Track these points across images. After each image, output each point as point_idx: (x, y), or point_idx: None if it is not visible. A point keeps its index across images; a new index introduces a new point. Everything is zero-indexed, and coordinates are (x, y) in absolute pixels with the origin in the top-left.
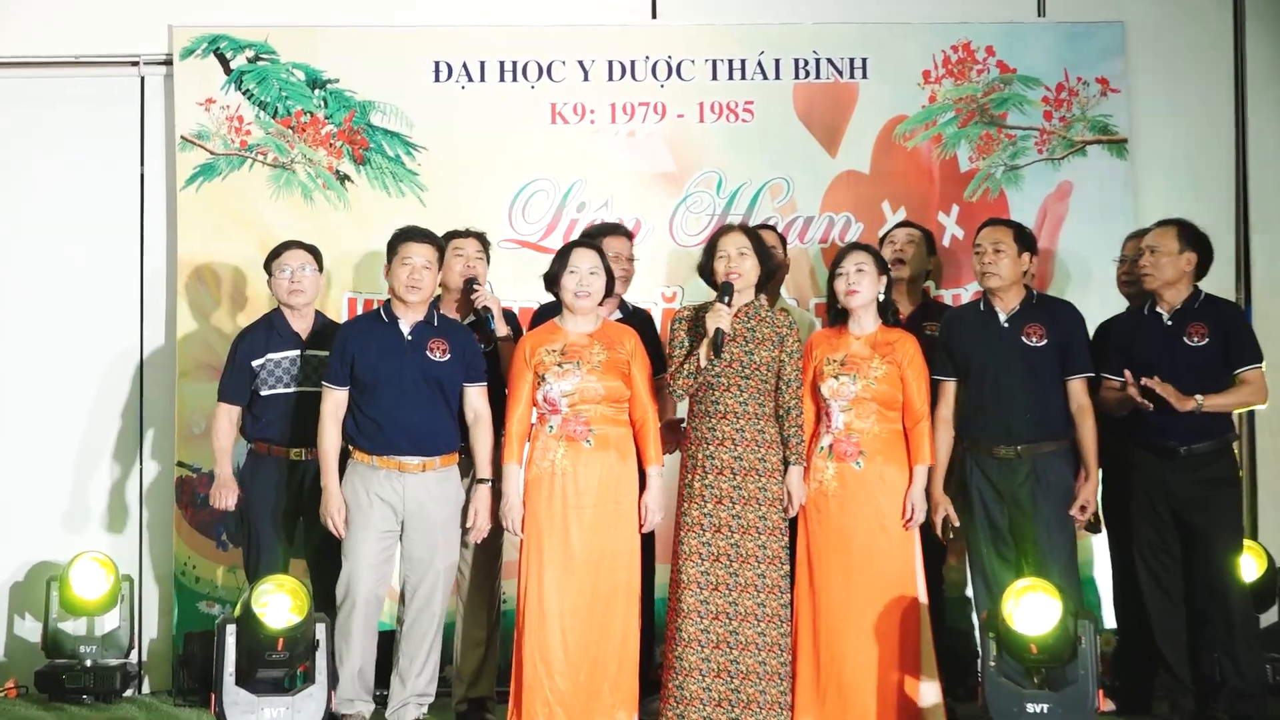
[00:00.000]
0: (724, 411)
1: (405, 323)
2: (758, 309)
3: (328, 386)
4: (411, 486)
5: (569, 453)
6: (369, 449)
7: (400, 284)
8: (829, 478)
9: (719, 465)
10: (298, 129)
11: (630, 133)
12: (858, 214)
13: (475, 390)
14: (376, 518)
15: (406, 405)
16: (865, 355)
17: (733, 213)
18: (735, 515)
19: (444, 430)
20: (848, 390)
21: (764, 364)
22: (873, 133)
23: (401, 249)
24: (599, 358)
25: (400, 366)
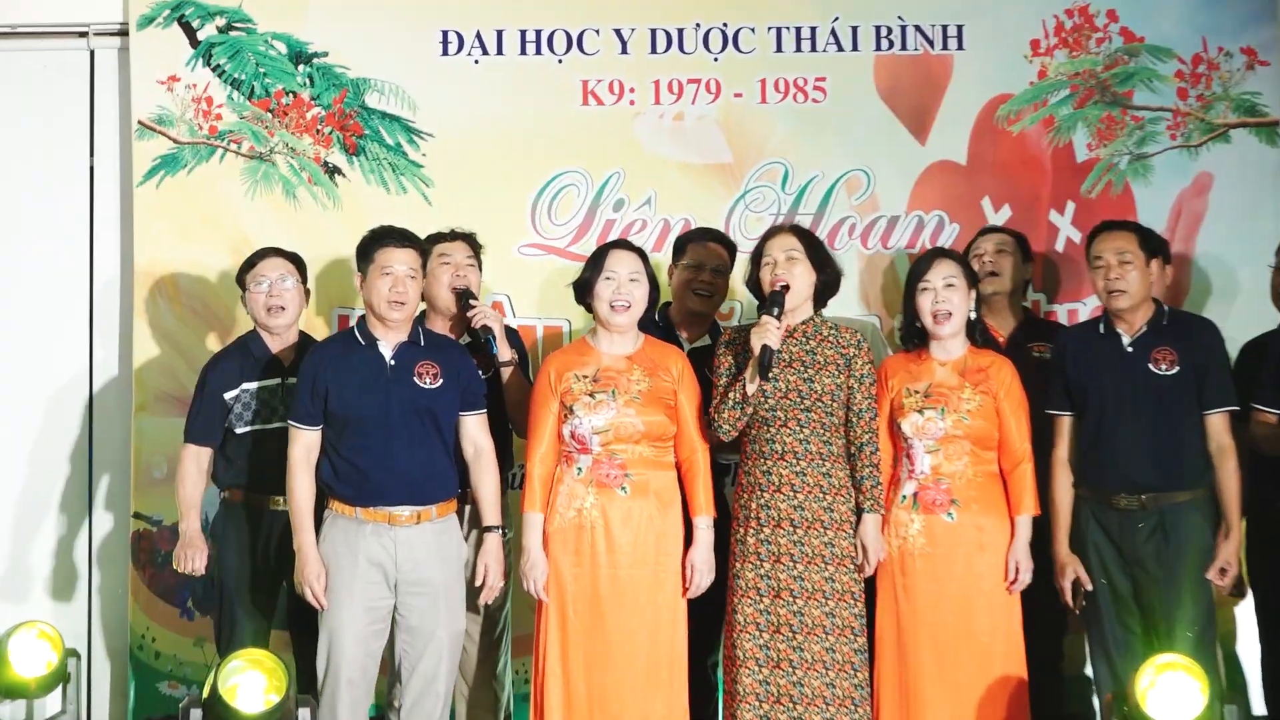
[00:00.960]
0: (781, 452)
1: (386, 345)
2: (817, 327)
3: (297, 427)
4: (405, 543)
5: (601, 500)
6: (351, 499)
7: (380, 299)
8: (914, 533)
9: (776, 516)
10: (278, 112)
11: (677, 115)
12: (952, 213)
13: (474, 420)
14: (363, 582)
15: (395, 444)
16: (953, 384)
17: (801, 211)
18: (797, 577)
19: (441, 472)
20: (934, 427)
21: (827, 392)
22: (970, 115)
23: (380, 255)
24: (639, 386)
25: (385, 398)
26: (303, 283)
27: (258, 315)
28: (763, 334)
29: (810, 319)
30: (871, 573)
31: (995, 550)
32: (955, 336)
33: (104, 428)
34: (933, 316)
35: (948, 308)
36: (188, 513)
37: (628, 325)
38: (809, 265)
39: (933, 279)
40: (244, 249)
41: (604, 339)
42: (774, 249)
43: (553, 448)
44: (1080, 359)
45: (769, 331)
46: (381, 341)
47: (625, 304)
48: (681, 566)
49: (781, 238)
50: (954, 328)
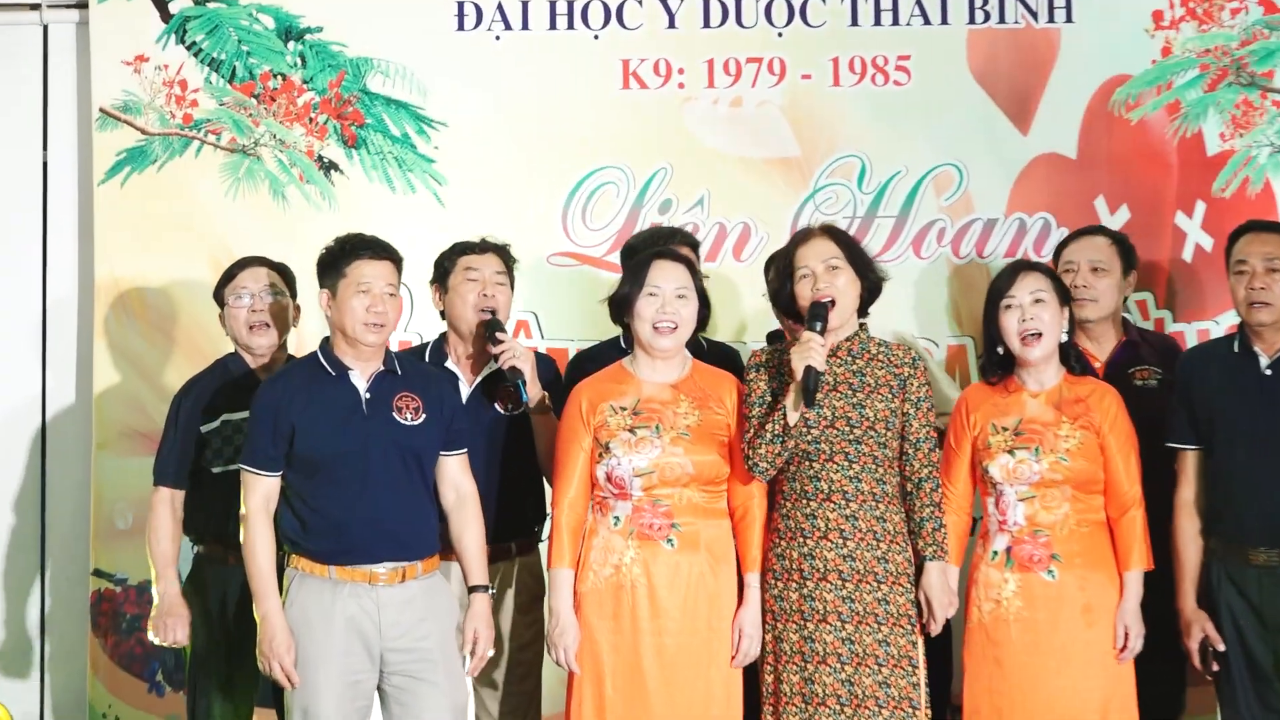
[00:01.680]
0: (828, 492)
1: (359, 375)
2: (864, 343)
3: (254, 473)
4: (390, 604)
5: (643, 555)
6: (323, 555)
7: (355, 320)
8: (1009, 595)
9: (822, 569)
10: (264, 98)
11: (735, 101)
12: (1060, 214)
13: (455, 461)
14: (341, 653)
15: (375, 491)
16: (1048, 419)
17: (881, 213)
18: (847, 639)
19: (426, 522)
20: (1028, 470)
21: (880, 420)
22: (1081, 100)
23: (353, 270)
24: (687, 420)
25: (362, 437)
26: (292, 297)
27: (238, 334)
28: (806, 353)
29: (855, 334)
30: (936, 631)
31: (1104, 612)
32: (1047, 362)
33: (59, 469)
34: (1020, 338)
35: (1037, 327)
36: (164, 571)
37: (674, 349)
38: (852, 274)
39: (1018, 294)
40: (224, 258)
41: (645, 364)
42: (810, 258)
43: (584, 493)
44: (1209, 383)
45: (813, 350)
46: (353, 371)
47: (671, 325)
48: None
49: (817, 244)
50: (1045, 350)
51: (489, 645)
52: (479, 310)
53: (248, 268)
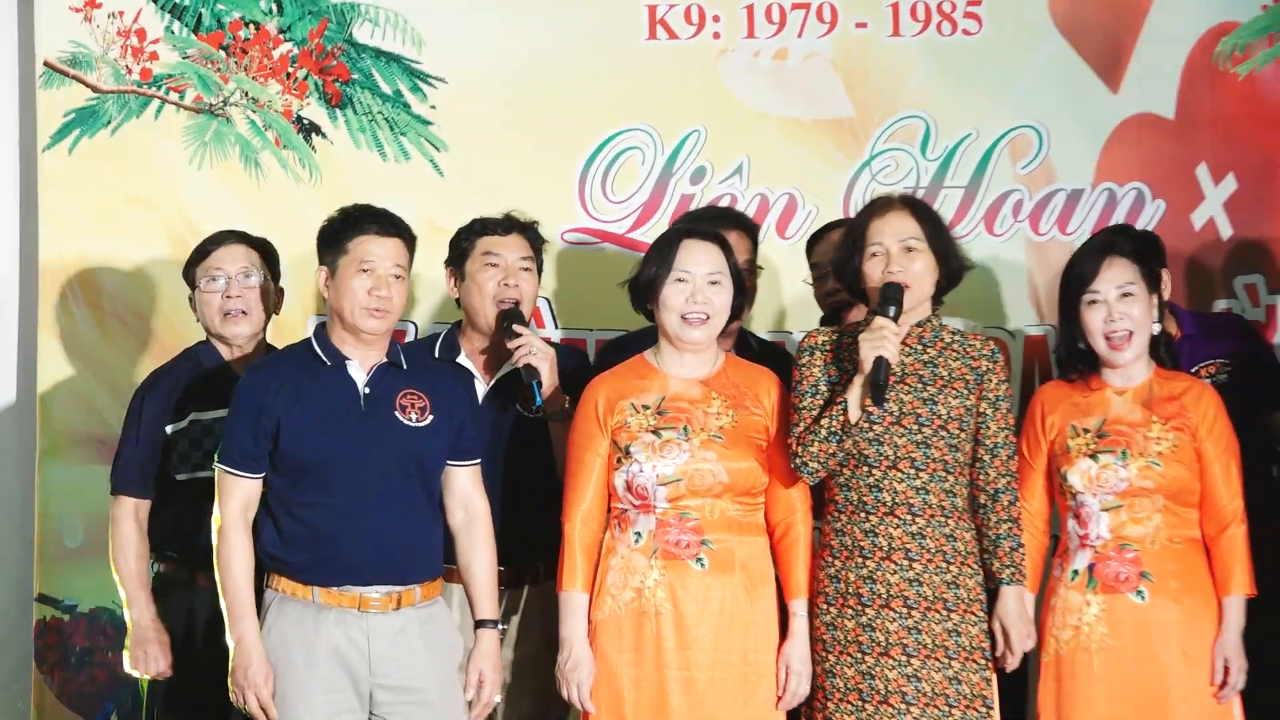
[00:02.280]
0: (890, 504)
1: (358, 366)
2: (936, 331)
3: (231, 474)
4: (383, 635)
5: (669, 577)
6: (306, 574)
7: (355, 304)
8: (1091, 620)
9: (884, 594)
10: (235, 50)
11: (779, 53)
12: (1156, 185)
13: (466, 473)
14: (324, 689)
15: (372, 503)
16: (1137, 420)
17: (949, 183)
18: (912, 677)
19: (428, 540)
20: (1114, 477)
21: (954, 419)
22: (1180, 53)
23: (355, 245)
24: (720, 421)
25: (360, 439)
26: (274, 280)
27: (211, 322)
28: (878, 342)
29: (928, 321)
30: (1013, 666)
31: (1201, 641)
32: (1138, 359)
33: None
34: (1107, 340)
35: (1126, 326)
36: (135, 594)
37: (705, 342)
38: (931, 259)
39: (1103, 289)
40: (188, 236)
41: (671, 358)
42: (884, 234)
43: (600, 504)
44: None
45: (886, 339)
46: (352, 362)
47: (702, 315)
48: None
49: (894, 219)
50: (1136, 351)
51: (496, 689)
52: (499, 301)
53: (223, 245)
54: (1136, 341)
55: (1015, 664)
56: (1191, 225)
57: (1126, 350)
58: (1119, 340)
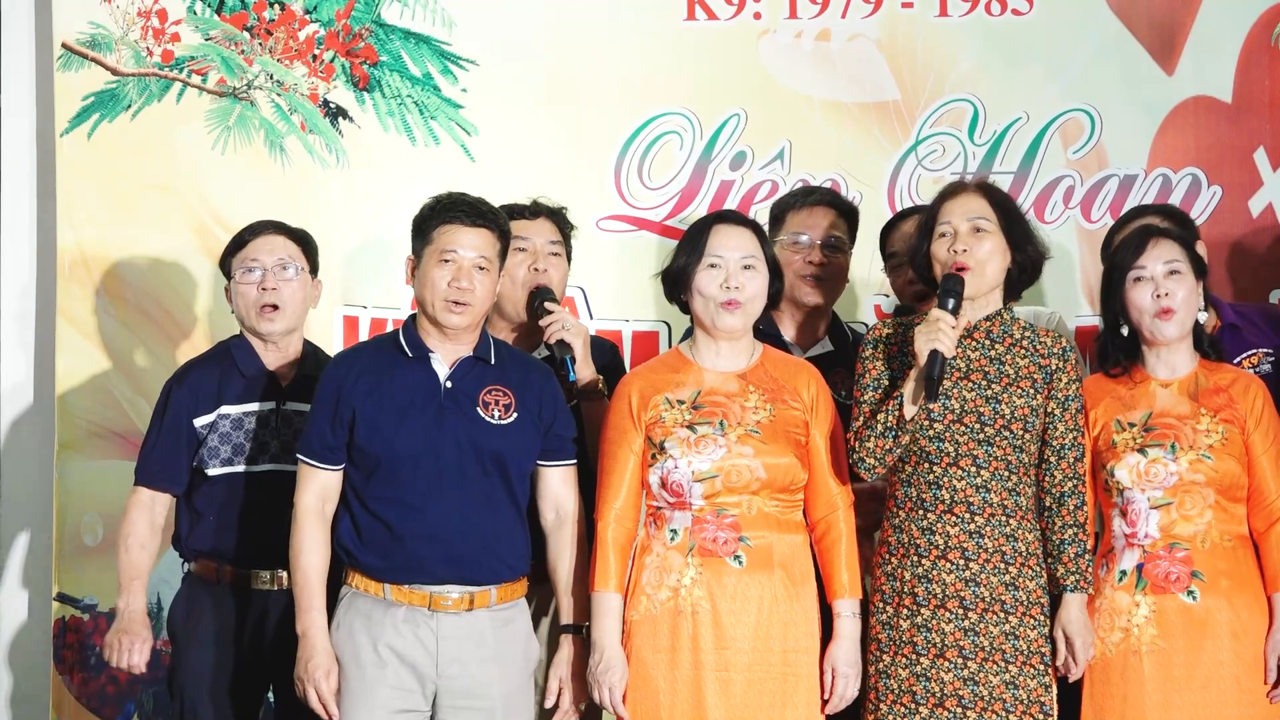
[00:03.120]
0: (949, 502)
1: (441, 360)
2: (1006, 326)
3: (309, 465)
4: (451, 637)
5: (705, 576)
6: (378, 571)
7: (435, 295)
8: (1140, 621)
9: (940, 595)
10: (259, 31)
11: (822, 34)
12: (1212, 170)
13: (559, 473)
14: (389, 688)
15: (444, 497)
16: (1184, 412)
17: (998, 168)
18: (969, 679)
19: (507, 540)
20: (1163, 471)
21: (1019, 419)
22: (1238, 33)
23: (440, 235)
24: (757, 416)
25: (435, 433)
26: (312, 272)
27: (247, 316)
28: (933, 335)
29: (998, 314)
30: (1077, 675)
31: (1254, 641)
32: (1181, 343)
33: (15, 476)
34: (1153, 315)
35: (1173, 303)
36: (129, 583)
37: (741, 330)
38: (1002, 241)
39: (1149, 265)
40: (211, 223)
41: (707, 349)
42: (954, 214)
43: (634, 502)
44: None
45: (941, 332)
46: (435, 355)
47: (737, 302)
48: (820, 669)
49: (965, 199)
50: (1181, 329)
51: (580, 697)
52: (528, 286)
53: (261, 235)
54: (1181, 319)
55: (1078, 674)
56: (1249, 212)
57: (1171, 325)
58: (1165, 315)
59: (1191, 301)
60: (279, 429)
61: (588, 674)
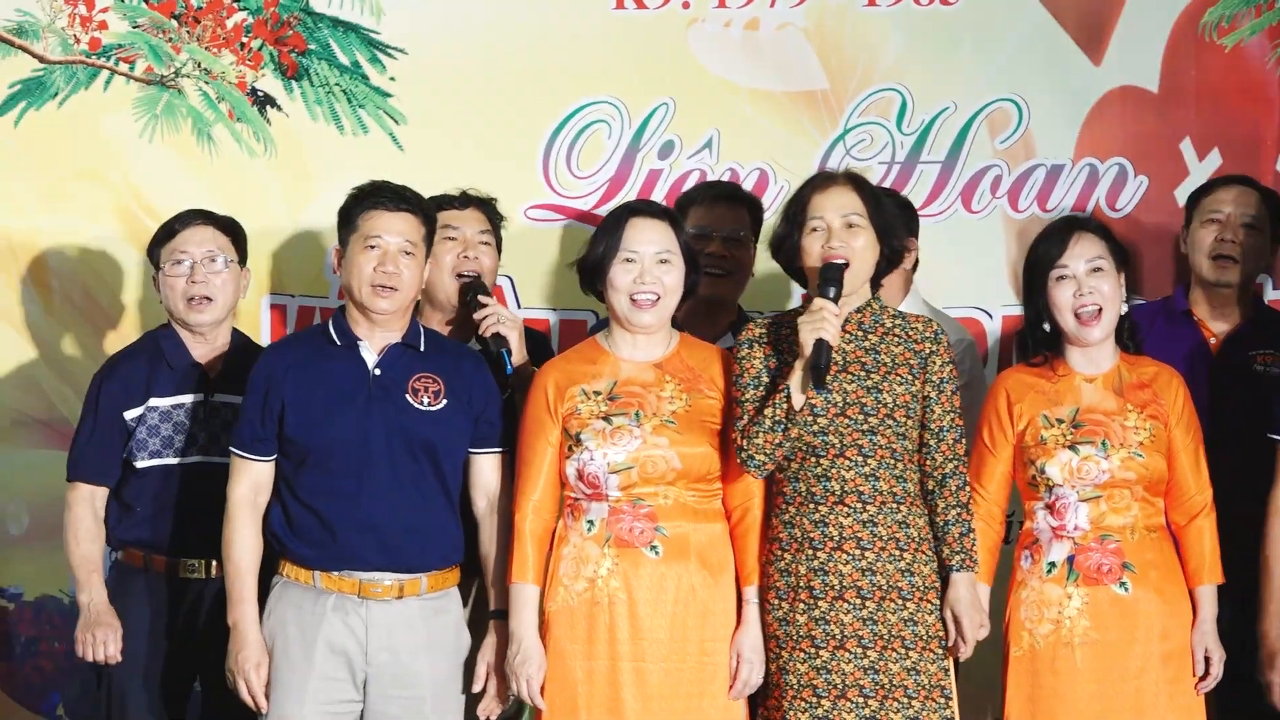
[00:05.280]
0: (840, 493)
1: (370, 346)
2: (877, 315)
3: (241, 456)
4: (381, 625)
5: (622, 566)
6: (309, 559)
7: (362, 282)
8: (1073, 613)
9: (837, 586)
10: (187, 19)
11: (750, 23)
12: (1139, 160)
13: (489, 461)
14: (320, 677)
15: (373, 486)
16: (1111, 408)
17: (925, 158)
18: (870, 668)
19: (438, 528)
20: (1095, 469)
21: (900, 406)
22: (1165, 22)
23: (364, 221)
24: (673, 406)
25: (363, 421)
26: (241, 263)
27: (175, 307)
28: (817, 325)
29: (868, 305)
30: (967, 655)
31: (1182, 632)
32: (1106, 341)
33: None
34: (1075, 315)
35: (1096, 301)
36: (88, 578)
37: (657, 324)
38: (874, 235)
39: (1071, 263)
40: (139, 211)
41: (623, 340)
42: (825, 209)
43: (551, 494)
44: None
45: (825, 320)
46: (364, 343)
47: (652, 296)
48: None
49: (836, 194)
50: (1105, 330)
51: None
52: (458, 275)
53: (189, 226)
54: (1106, 319)
55: (968, 654)
56: (1176, 202)
57: (1095, 328)
58: (1088, 316)
59: (1115, 297)
60: (207, 421)
61: (505, 665)
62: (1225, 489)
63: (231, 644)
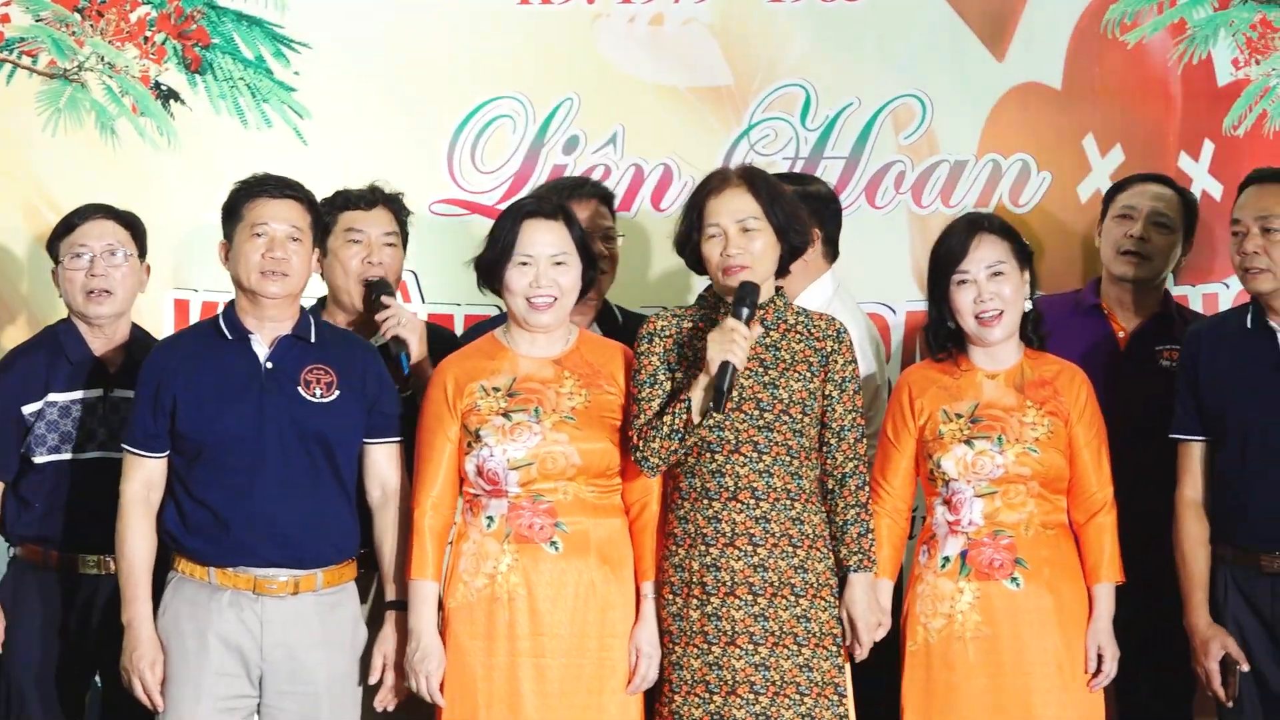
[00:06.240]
0: (733, 489)
1: (261, 339)
2: (780, 312)
3: (134, 454)
4: (276, 621)
5: (522, 562)
6: (202, 556)
7: (250, 269)
8: (965, 608)
9: (729, 582)
10: (91, 12)
11: (655, 18)
12: (1042, 157)
13: (383, 451)
14: (214, 673)
15: (266, 480)
16: (1011, 404)
17: (829, 153)
18: (760, 665)
19: (332, 523)
20: (990, 464)
21: (797, 403)
22: (1068, 19)
23: (249, 211)
24: (572, 401)
25: (255, 414)
26: (141, 256)
27: (74, 300)
28: (726, 346)
29: (770, 301)
30: (864, 655)
31: (1076, 629)
32: (1008, 339)
33: None
34: (977, 319)
35: (997, 305)
36: None
37: (555, 324)
38: (772, 235)
39: (972, 269)
40: (42, 205)
41: (521, 337)
42: (721, 213)
43: (450, 490)
44: (1217, 364)
45: (735, 343)
46: (255, 336)
47: (548, 299)
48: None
49: (731, 196)
50: (1006, 331)
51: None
52: (362, 279)
53: (89, 220)
54: (1007, 320)
55: (864, 654)
56: (1079, 198)
57: (996, 329)
58: (989, 319)
59: (1017, 299)
60: (106, 416)
61: (405, 662)
62: (1133, 485)
63: (126, 642)
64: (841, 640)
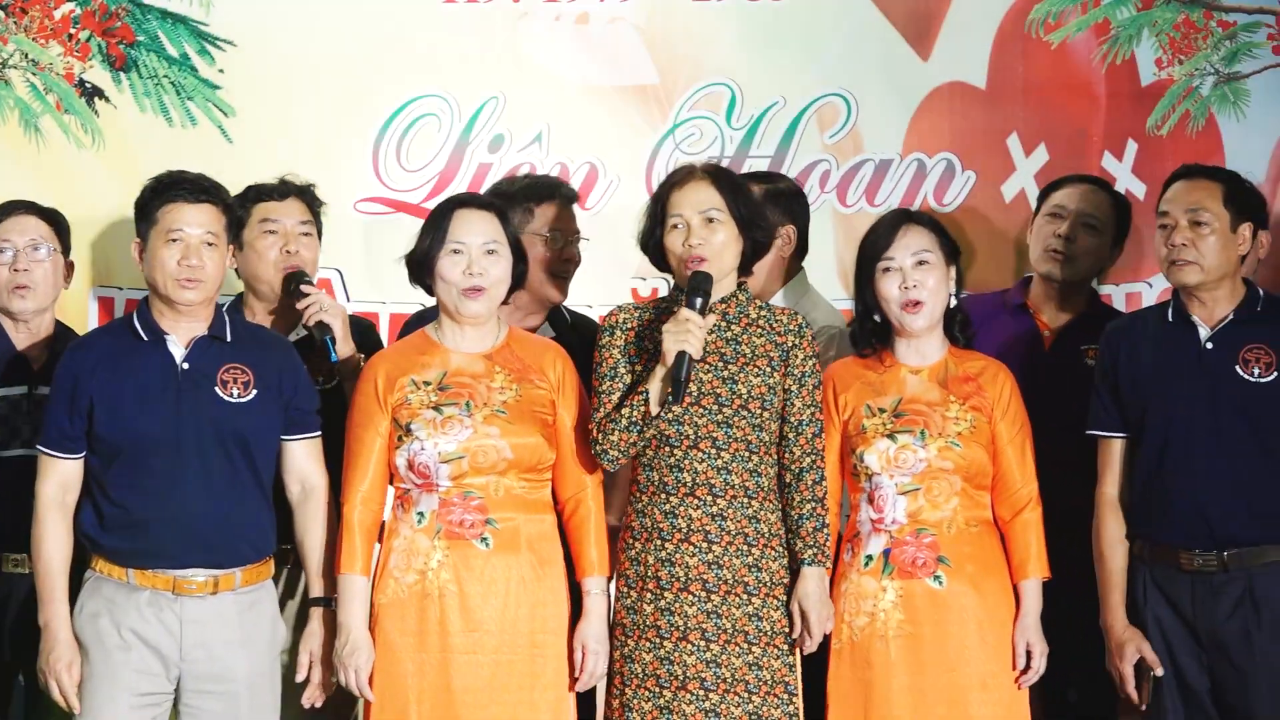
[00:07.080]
0: (691, 485)
1: (176, 339)
2: (742, 306)
3: (49, 455)
4: (196, 621)
5: (452, 558)
6: (121, 556)
7: (165, 275)
8: (887, 606)
9: (683, 578)
10: (14, 9)
11: (580, 17)
12: (966, 156)
13: (302, 447)
14: (133, 672)
15: (184, 481)
16: (934, 399)
17: (754, 152)
18: (711, 662)
19: (251, 521)
20: (912, 457)
21: (755, 397)
22: (992, 19)
23: (164, 215)
24: (503, 396)
25: (173, 416)
26: (64, 252)
27: None
28: (681, 335)
29: (733, 296)
30: (814, 648)
31: (1000, 626)
32: (930, 332)
33: None
34: (900, 306)
35: (920, 294)
36: None
37: (486, 315)
38: (734, 228)
39: (898, 256)
40: None
41: (452, 332)
42: (684, 206)
43: (380, 485)
44: (1137, 359)
45: (690, 333)
46: (170, 337)
47: (479, 288)
48: (568, 648)
49: (694, 189)
50: (929, 319)
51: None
52: (281, 269)
53: (11, 215)
54: (930, 309)
55: (813, 647)
56: (1003, 197)
57: (920, 317)
58: (911, 307)
59: (941, 290)
60: (30, 413)
61: (334, 656)
62: (1056, 481)
63: (43, 644)
64: (792, 638)
